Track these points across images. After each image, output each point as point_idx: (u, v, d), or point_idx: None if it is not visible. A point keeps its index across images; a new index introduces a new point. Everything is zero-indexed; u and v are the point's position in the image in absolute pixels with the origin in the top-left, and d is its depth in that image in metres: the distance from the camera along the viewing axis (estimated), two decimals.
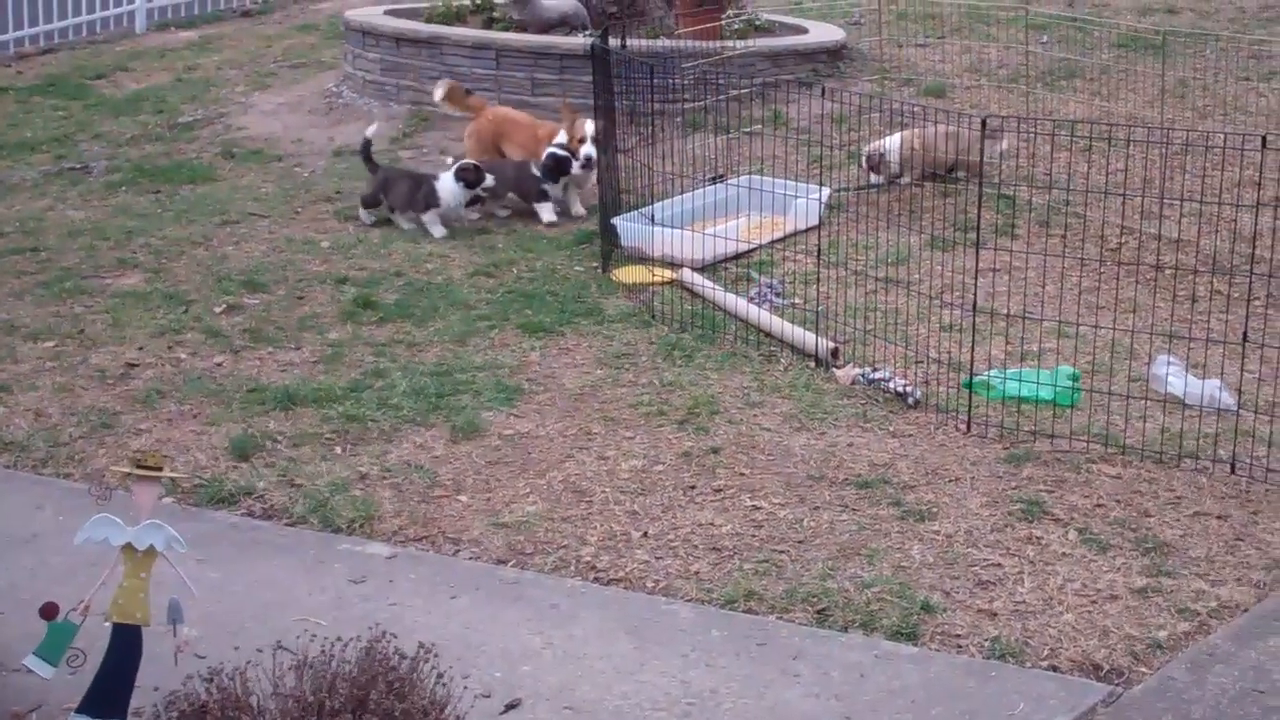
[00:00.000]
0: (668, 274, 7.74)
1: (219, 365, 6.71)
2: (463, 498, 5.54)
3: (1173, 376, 6.43)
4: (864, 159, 8.99)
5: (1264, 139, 5.89)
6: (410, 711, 3.60)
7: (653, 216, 7.96)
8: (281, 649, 3.82)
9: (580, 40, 10.45)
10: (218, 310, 7.34)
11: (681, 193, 8.34)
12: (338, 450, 5.90)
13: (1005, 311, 6.75)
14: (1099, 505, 5.49)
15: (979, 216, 6.65)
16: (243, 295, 7.54)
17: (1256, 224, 6.40)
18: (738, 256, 8.06)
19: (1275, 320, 7.11)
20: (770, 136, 8.91)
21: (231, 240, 8.43)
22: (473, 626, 4.68)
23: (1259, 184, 6.14)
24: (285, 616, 4.67)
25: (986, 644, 4.59)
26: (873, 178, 8.98)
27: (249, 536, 5.28)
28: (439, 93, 9.55)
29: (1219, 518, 5.42)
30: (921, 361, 6.71)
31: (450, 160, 9.16)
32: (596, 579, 5.00)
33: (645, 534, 5.25)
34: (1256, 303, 7.20)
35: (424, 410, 6.20)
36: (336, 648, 3.71)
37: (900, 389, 6.41)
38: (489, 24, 11.29)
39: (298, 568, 5.06)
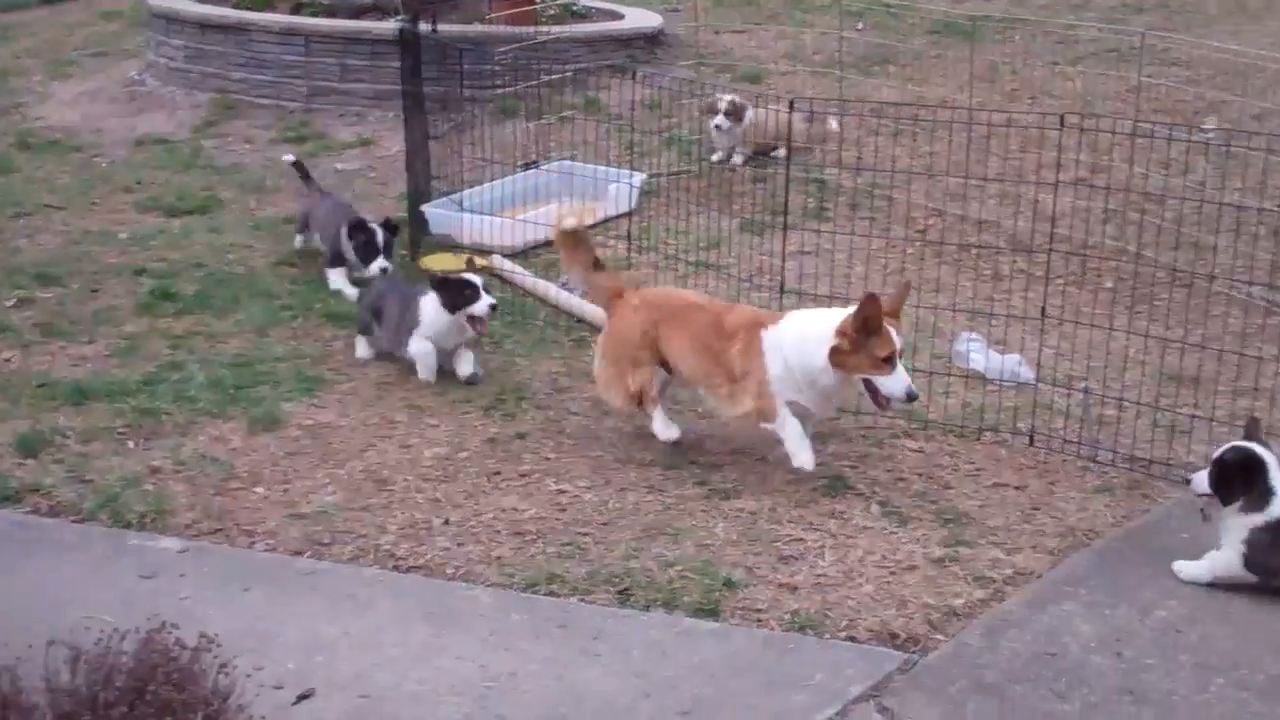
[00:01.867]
0: (479, 260, 7.63)
1: (7, 361, 6.46)
2: (259, 489, 5.39)
3: (974, 353, 6.52)
4: (721, 103, 9.00)
5: (1062, 118, 5.99)
6: (190, 702, 3.48)
7: (461, 202, 7.85)
8: (55, 644, 3.66)
9: (393, 25, 10.28)
10: (8, 304, 7.09)
11: (494, 179, 8.25)
12: (130, 445, 5.71)
13: (815, 292, 6.78)
14: (901, 479, 5.53)
15: (786, 200, 6.67)
16: (35, 289, 7.28)
17: (1056, 204, 6.53)
18: (549, 243, 7.98)
19: (1074, 296, 7.24)
20: (585, 122, 8.85)
21: (25, 233, 8.16)
22: (266, 618, 4.55)
23: (1058, 164, 6.24)
24: (70, 615, 4.48)
25: (787, 617, 4.58)
26: (720, 120, 9.01)
27: (34, 535, 5.09)
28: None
29: (1017, 488, 5.50)
30: None
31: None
32: (395, 567, 4.89)
33: (447, 521, 5.16)
34: (1058, 280, 7.33)
35: (222, 402, 6.03)
36: (114, 640, 3.57)
37: None
38: (298, 9, 11.10)
39: (85, 565, 4.88)
